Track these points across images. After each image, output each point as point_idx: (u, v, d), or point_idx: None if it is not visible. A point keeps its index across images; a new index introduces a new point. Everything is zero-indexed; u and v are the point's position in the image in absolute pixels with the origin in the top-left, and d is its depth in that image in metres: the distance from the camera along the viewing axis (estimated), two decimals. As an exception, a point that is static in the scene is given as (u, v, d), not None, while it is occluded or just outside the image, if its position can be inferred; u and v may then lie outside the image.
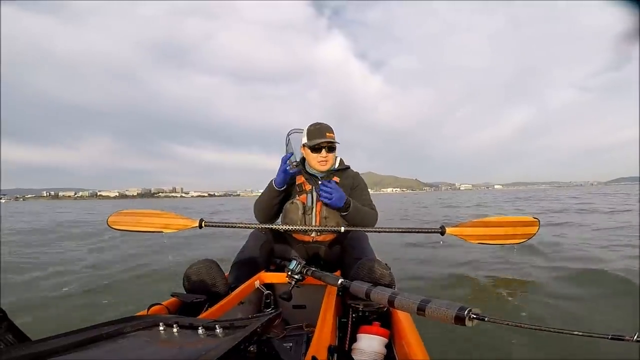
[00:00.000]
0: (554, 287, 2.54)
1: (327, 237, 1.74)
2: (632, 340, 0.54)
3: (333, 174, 1.79)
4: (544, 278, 2.79)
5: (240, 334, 0.52)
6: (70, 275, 3.32)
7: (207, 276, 1.23)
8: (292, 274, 1.17)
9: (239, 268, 1.51)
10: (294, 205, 1.71)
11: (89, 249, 5.09)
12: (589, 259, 3.36)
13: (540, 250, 3.80)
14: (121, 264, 3.80)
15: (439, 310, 0.73)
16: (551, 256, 3.59)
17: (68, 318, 2.22)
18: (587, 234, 5.21)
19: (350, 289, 1.00)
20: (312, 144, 1.68)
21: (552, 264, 3.25)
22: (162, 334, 0.59)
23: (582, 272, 2.85)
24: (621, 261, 3.19)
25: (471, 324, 0.68)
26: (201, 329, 0.58)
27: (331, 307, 1.03)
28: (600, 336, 0.57)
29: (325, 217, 1.70)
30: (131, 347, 0.55)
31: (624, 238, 4.54)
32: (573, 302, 2.22)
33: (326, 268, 1.61)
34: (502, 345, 1.59)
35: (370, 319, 1.13)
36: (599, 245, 4.11)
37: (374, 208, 1.77)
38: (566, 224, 6.38)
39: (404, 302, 0.82)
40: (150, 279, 3.14)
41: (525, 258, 3.49)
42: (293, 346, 1.01)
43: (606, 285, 2.50)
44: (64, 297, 2.63)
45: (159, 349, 0.55)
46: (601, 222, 6.62)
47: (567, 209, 10.27)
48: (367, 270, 1.19)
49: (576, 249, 3.95)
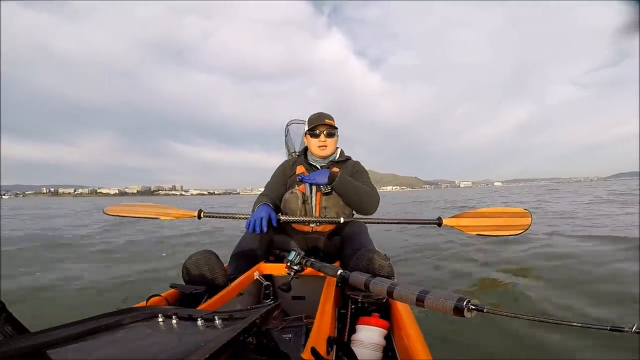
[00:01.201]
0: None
1: (326, 227, 1.75)
2: (631, 332, 0.54)
3: (333, 164, 1.80)
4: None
5: (240, 325, 0.52)
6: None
7: (206, 267, 1.23)
8: (291, 265, 1.17)
9: (238, 259, 1.51)
10: (293, 195, 1.72)
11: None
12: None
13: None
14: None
15: (437, 301, 0.73)
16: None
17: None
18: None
19: (350, 280, 1.00)
20: (311, 128, 1.75)
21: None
22: (161, 325, 0.59)
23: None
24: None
25: (470, 315, 0.68)
26: (200, 320, 0.58)
27: (330, 298, 1.03)
28: (599, 327, 0.57)
29: (324, 207, 1.71)
30: (130, 339, 0.55)
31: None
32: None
33: (325, 259, 1.62)
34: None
35: (369, 310, 1.13)
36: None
37: (374, 189, 1.76)
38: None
39: (402, 293, 0.82)
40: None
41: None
42: (292, 337, 1.02)
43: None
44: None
45: (158, 340, 0.55)
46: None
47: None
48: (366, 261, 1.20)
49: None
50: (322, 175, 1.63)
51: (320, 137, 1.74)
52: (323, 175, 1.63)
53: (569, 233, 4.35)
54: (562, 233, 4.38)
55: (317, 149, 1.77)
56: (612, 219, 5.78)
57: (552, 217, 6.40)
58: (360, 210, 1.75)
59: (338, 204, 1.70)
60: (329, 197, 1.70)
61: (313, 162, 1.82)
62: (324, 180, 1.63)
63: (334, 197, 1.70)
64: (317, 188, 1.71)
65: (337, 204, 1.70)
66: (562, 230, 4.59)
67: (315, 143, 1.76)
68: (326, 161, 1.82)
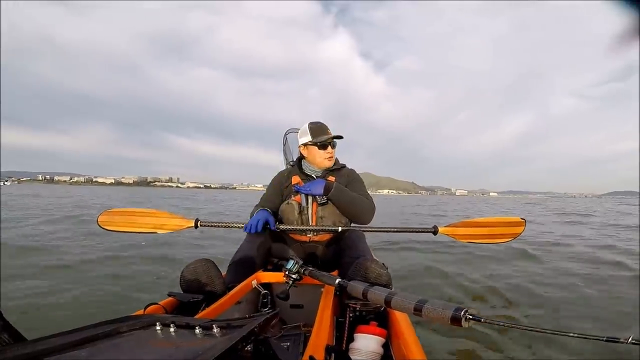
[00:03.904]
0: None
1: (324, 236, 1.74)
2: (627, 342, 0.54)
3: (329, 173, 1.81)
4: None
5: (238, 334, 0.52)
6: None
7: (204, 276, 1.23)
8: (289, 274, 1.17)
9: (236, 267, 1.51)
10: (289, 206, 1.72)
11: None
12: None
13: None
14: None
15: (435, 311, 0.73)
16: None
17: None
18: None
19: (348, 289, 1.00)
20: (319, 141, 1.74)
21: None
22: (159, 334, 0.59)
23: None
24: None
25: (467, 325, 0.68)
26: (198, 329, 0.58)
27: (328, 306, 1.03)
28: (596, 338, 0.57)
29: (321, 216, 1.71)
30: (128, 347, 0.54)
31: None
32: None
33: (323, 268, 1.61)
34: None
35: (367, 318, 1.13)
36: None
37: (369, 198, 1.77)
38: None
39: (400, 302, 0.82)
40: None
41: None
42: (290, 346, 1.01)
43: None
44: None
45: (155, 349, 0.55)
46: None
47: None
48: (364, 270, 1.20)
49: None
50: (317, 185, 1.64)
51: (328, 148, 1.75)
52: (319, 186, 1.64)
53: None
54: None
55: (325, 160, 1.78)
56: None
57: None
58: (355, 220, 1.76)
59: (334, 213, 1.71)
60: (325, 206, 1.70)
61: (309, 172, 1.82)
62: (319, 191, 1.64)
63: (330, 207, 1.70)
64: (313, 198, 1.71)
65: (334, 213, 1.70)
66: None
67: (323, 155, 1.76)
68: (321, 171, 1.82)
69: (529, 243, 5.15)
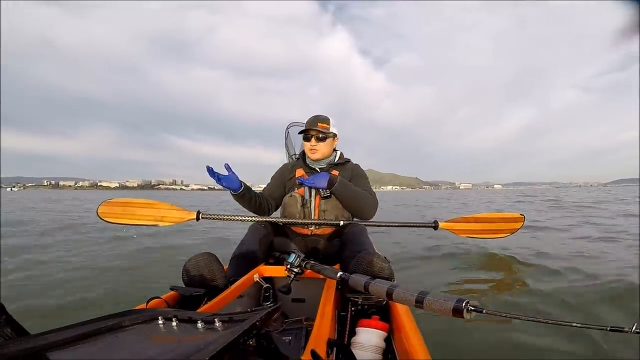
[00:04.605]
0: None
1: (326, 230, 1.75)
2: (631, 332, 0.54)
3: (333, 167, 1.81)
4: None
5: (239, 328, 0.52)
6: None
7: (206, 269, 1.23)
8: (291, 267, 1.16)
9: (237, 261, 1.51)
10: (292, 198, 1.72)
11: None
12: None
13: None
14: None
15: (437, 303, 0.73)
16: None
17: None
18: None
19: (349, 282, 1.00)
20: (303, 132, 1.78)
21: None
22: (161, 328, 0.59)
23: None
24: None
25: (469, 316, 0.68)
26: (200, 323, 0.58)
27: (330, 300, 1.03)
28: (599, 327, 0.57)
29: (324, 210, 1.71)
30: (130, 341, 0.55)
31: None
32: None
33: (325, 261, 1.62)
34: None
35: (369, 312, 1.13)
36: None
37: (372, 194, 1.77)
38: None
39: (402, 294, 0.82)
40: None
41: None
42: (292, 340, 1.02)
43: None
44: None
45: (158, 343, 0.55)
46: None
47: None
48: (366, 263, 1.20)
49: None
50: (321, 179, 1.64)
51: (311, 140, 1.76)
52: (323, 179, 1.64)
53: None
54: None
55: (309, 152, 1.80)
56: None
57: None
58: (358, 214, 1.76)
59: (337, 207, 1.71)
60: (328, 200, 1.70)
61: (312, 165, 1.82)
62: (323, 185, 1.64)
63: (333, 201, 1.70)
64: (316, 191, 1.72)
65: (336, 207, 1.71)
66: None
67: (307, 146, 1.79)
68: (325, 164, 1.82)
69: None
